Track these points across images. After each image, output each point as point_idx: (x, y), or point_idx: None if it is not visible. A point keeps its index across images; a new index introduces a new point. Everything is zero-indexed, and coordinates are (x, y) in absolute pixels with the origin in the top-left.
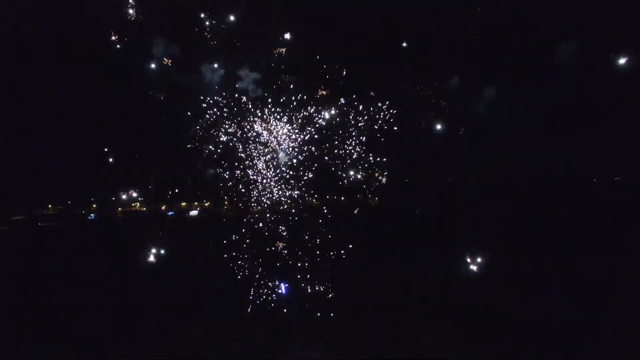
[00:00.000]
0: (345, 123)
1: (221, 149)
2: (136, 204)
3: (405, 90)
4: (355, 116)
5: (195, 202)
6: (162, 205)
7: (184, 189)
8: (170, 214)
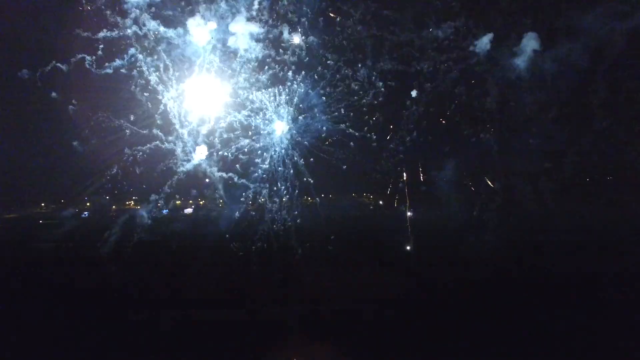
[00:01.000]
0: None
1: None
2: (130, 202)
3: None
4: None
5: (190, 201)
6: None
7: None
8: (165, 212)
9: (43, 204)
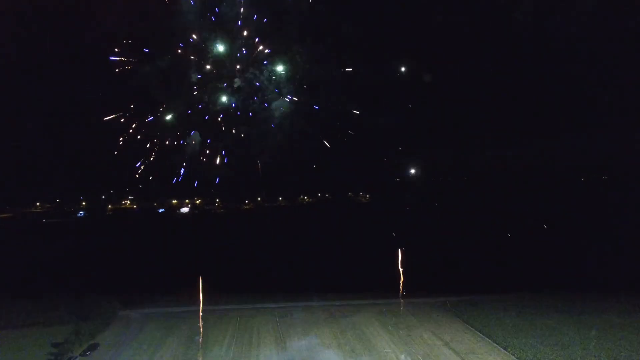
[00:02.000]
0: None
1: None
2: (126, 202)
3: None
4: None
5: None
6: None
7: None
8: (161, 210)
9: (38, 204)
